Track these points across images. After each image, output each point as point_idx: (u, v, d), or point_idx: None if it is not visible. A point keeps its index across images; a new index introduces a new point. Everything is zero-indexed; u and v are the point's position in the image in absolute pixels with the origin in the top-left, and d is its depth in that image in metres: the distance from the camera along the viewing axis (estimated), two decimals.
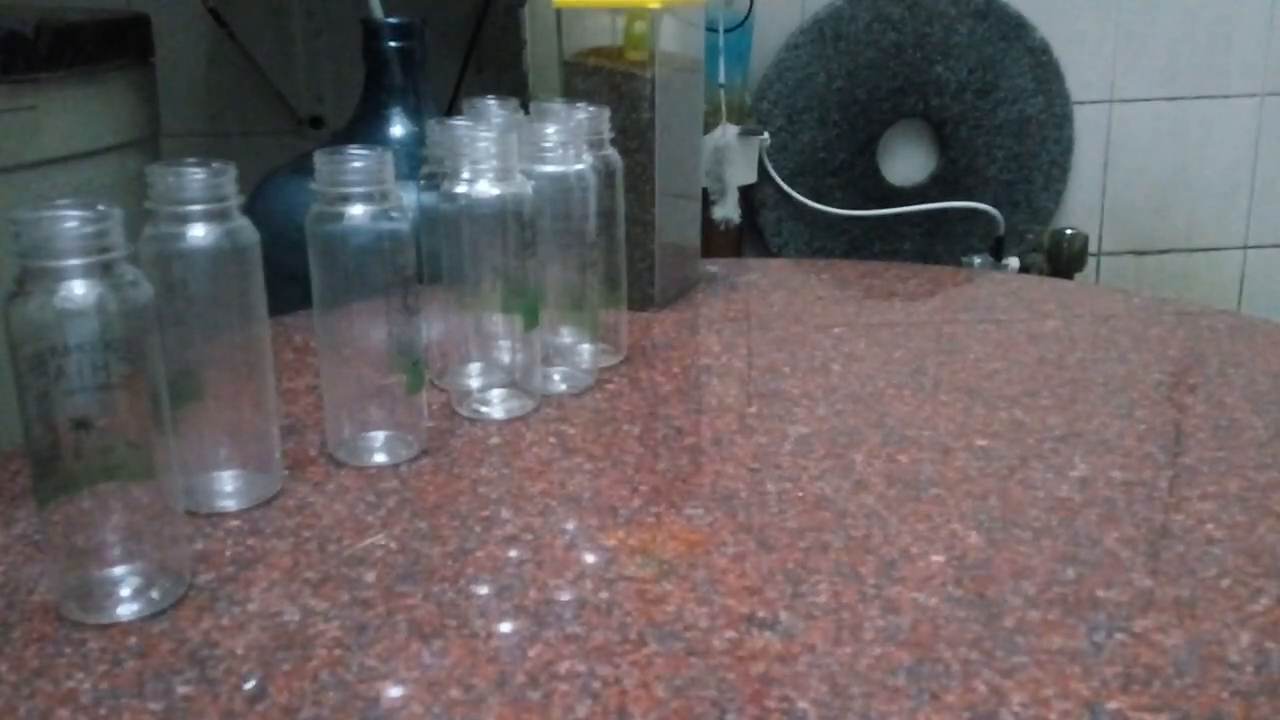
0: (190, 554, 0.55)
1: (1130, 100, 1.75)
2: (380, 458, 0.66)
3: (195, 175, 0.56)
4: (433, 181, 0.72)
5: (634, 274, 0.89)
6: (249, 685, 0.46)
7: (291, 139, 1.98)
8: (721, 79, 1.54)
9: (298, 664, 0.48)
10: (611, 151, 0.78)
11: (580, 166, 0.73)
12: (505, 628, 0.50)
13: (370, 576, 0.54)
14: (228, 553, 0.56)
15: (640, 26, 0.86)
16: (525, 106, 0.79)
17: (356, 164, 0.62)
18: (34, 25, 1.36)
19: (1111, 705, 0.44)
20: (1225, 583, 0.53)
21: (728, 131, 1.55)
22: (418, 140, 1.23)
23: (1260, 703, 0.45)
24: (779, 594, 0.52)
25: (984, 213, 1.69)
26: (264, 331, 0.60)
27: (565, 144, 0.72)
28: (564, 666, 0.47)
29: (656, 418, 0.72)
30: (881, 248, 1.72)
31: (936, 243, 1.72)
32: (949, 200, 1.70)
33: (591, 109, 0.76)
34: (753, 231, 1.71)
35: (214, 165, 0.57)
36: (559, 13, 0.88)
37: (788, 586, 0.53)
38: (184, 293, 0.57)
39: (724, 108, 1.55)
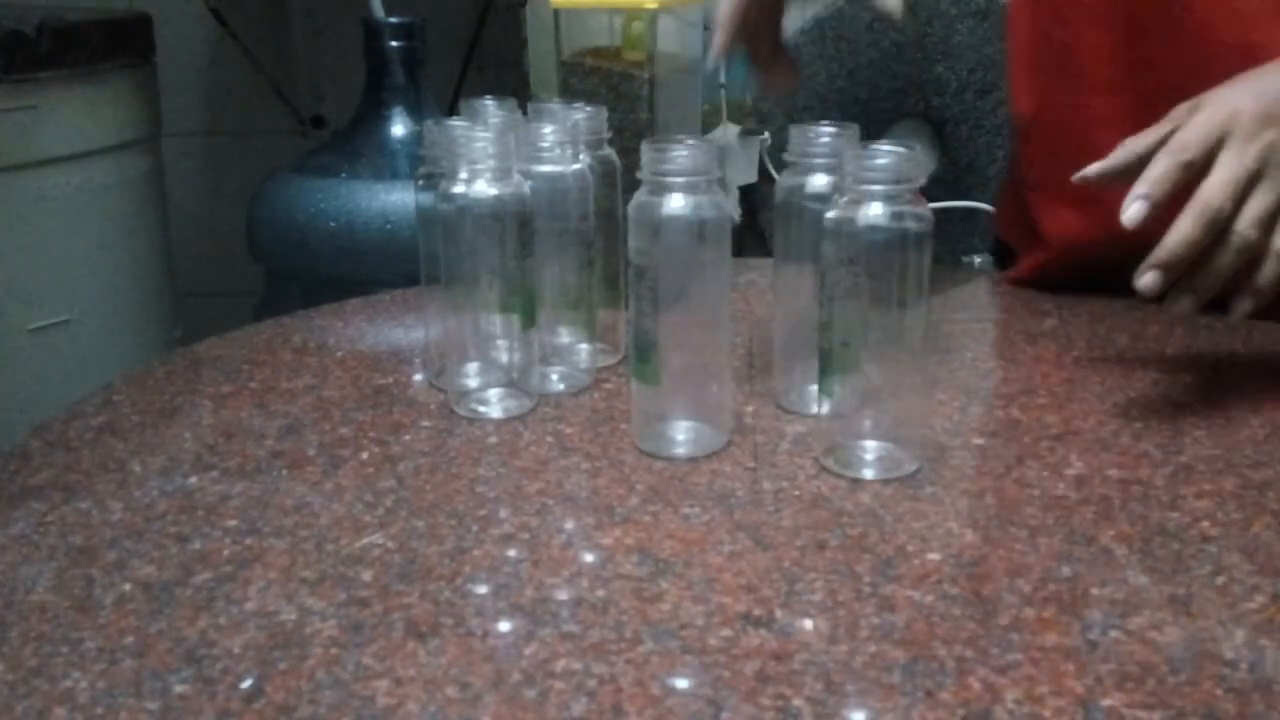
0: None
1: None
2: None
3: None
4: (431, 182, 0.72)
5: None
6: (245, 684, 0.47)
7: (293, 139, 1.98)
8: (722, 79, 1.54)
9: (294, 663, 0.48)
10: (609, 151, 0.78)
11: (578, 166, 0.73)
12: (502, 626, 0.50)
13: (367, 576, 0.54)
14: (225, 552, 0.57)
15: (638, 27, 0.86)
16: (524, 107, 0.80)
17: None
18: (36, 25, 1.37)
19: (1106, 702, 0.45)
20: (1220, 580, 0.53)
21: (728, 131, 1.55)
22: (418, 140, 1.24)
23: (1254, 700, 0.45)
24: (775, 592, 0.52)
25: (984, 212, 1.69)
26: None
27: (563, 144, 0.72)
28: (560, 664, 0.47)
29: None
30: None
31: (936, 242, 1.71)
32: (949, 200, 1.70)
33: (589, 109, 0.77)
34: (752, 231, 1.71)
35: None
36: (556, 13, 0.88)
37: (784, 584, 0.53)
38: None
39: (724, 107, 1.55)
